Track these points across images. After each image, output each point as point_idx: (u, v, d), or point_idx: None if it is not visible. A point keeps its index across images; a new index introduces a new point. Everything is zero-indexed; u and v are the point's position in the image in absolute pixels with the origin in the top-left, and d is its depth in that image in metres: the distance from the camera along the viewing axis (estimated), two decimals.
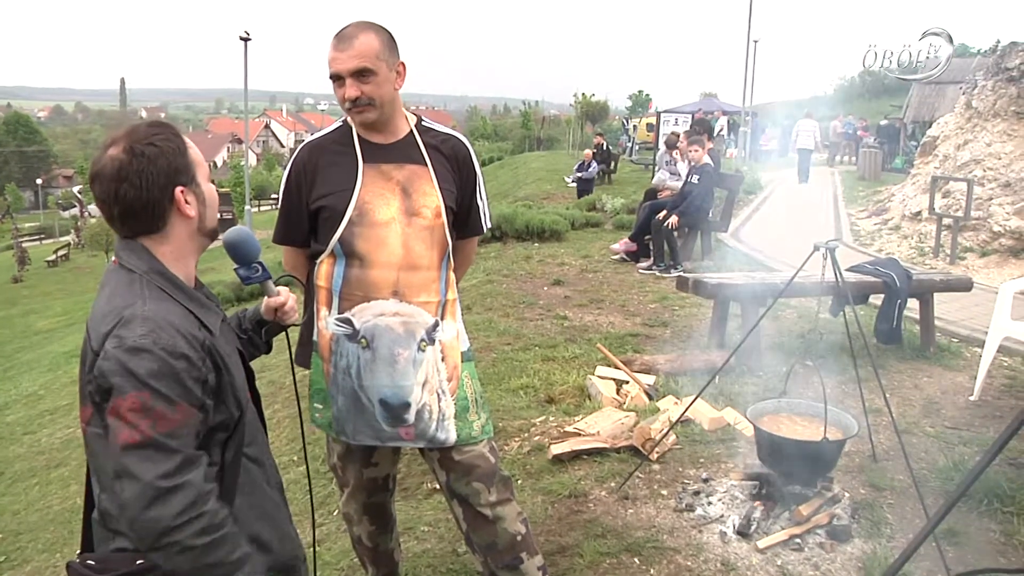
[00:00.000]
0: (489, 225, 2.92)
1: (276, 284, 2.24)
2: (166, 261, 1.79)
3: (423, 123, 2.72)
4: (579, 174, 18.42)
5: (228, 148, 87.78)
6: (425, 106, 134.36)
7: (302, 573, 2.04)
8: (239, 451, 1.84)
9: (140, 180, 1.71)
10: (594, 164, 18.25)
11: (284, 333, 2.30)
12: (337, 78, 2.48)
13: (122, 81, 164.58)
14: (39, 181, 75.23)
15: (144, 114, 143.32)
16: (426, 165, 2.61)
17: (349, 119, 2.63)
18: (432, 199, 2.59)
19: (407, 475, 4.64)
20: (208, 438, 1.75)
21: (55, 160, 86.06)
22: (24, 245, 34.74)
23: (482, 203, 2.82)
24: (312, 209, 2.60)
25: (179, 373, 1.64)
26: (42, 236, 46.86)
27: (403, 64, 2.57)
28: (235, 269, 2.14)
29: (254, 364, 2.18)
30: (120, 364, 1.61)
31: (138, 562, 1.68)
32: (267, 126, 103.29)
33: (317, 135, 2.74)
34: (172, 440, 1.62)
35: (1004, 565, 3.38)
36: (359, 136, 2.60)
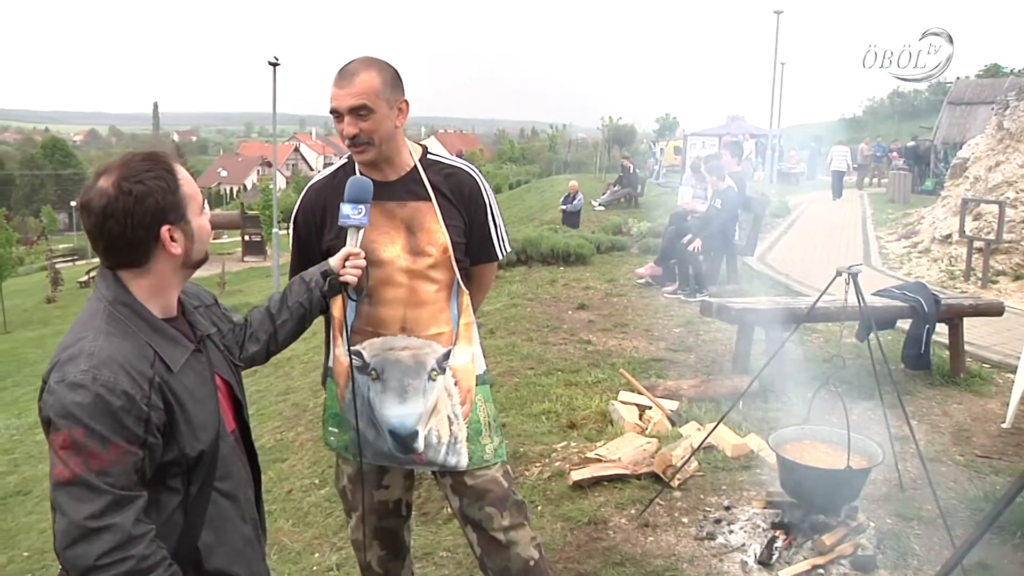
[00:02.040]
0: (508, 250, 2.89)
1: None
2: (141, 294, 1.78)
3: (429, 156, 2.69)
4: (563, 207, 17.81)
5: (258, 171, 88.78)
6: (453, 129, 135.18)
7: None
8: (207, 485, 1.82)
9: (126, 219, 1.71)
10: (580, 197, 17.62)
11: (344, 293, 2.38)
12: (336, 114, 2.48)
13: (155, 105, 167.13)
14: (73, 203, 76.47)
15: (176, 137, 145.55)
16: (430, 200, 2.59)
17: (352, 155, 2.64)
18: (438, 236, 2.58)
19: (427, 499, 4.63)
20: (163, 473, 1.73)
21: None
22: (57, 266, 35.22)
23: (496, 230, 2.78)
24: (325, 249, 2.60)
25: (116, 411, 1.61)
26: (75, 257, 47.52)
27: (406, 102, 2.55)
28: (343, 205, 2.33)
29: (281, 386, 2.18)
30: (58, 399, 1.61)
31: None
32: (296, 149, 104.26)
33: (320, 176, 2.77)
34: (102, 479, 1.60)
35: None
36: (362, 174, 2.59)
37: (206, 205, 1.92)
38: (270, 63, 22.74)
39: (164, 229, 1.75)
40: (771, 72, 27.34)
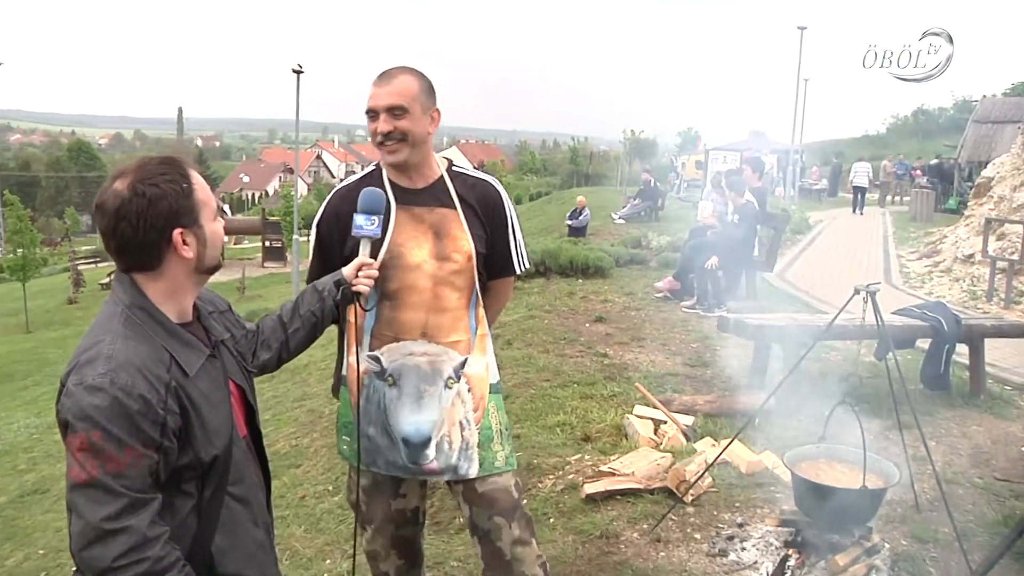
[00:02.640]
0: (527, 265, 2.93)
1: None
2: (156, 297, 1.79)
3: (454, 168, 2.75)
4: (570, 222, 17.74)
5: (280, 177, 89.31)
6: (475, 140, 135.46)
7: None
8: (220, 489, 1.83)
9: (138, 221, 1.73)
10: (587, 212, 17.54)
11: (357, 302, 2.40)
12: (372, 113, 2.54)
13: (179, 110, 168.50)
14: None
15: (200, 142, 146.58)
16: (456, 209, 2.64)
17: (380, 163, 2.67)
18: (463, 243, 2.62)
19: (440, 508, 4.63)
20: (177, 476, 1.74)
21: None
22: (80, 268, 35.53)
23: (516, 244, 2.82)
24: (346, 256, 2.61)
25: (133, 415, 1.63)
26: (97, 259, 47.89)
27: (438, 111, 2.63)
28: (356, 216, 2.36)
29: (298, 392, 2.20)
30: (76, 401, 1.63)
31: None
32: (319, 157, 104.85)
33: (347, 182, 2.80)
34: (118, 482, 1.61)
35: None
36: (390, 180, 2.63)
37: (224, 210, 1.94)
38: (294, 71, 22.89)
39: (176, 232, 1.76)
40: (794, 88, 27.22)
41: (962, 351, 6.16)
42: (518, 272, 2.90)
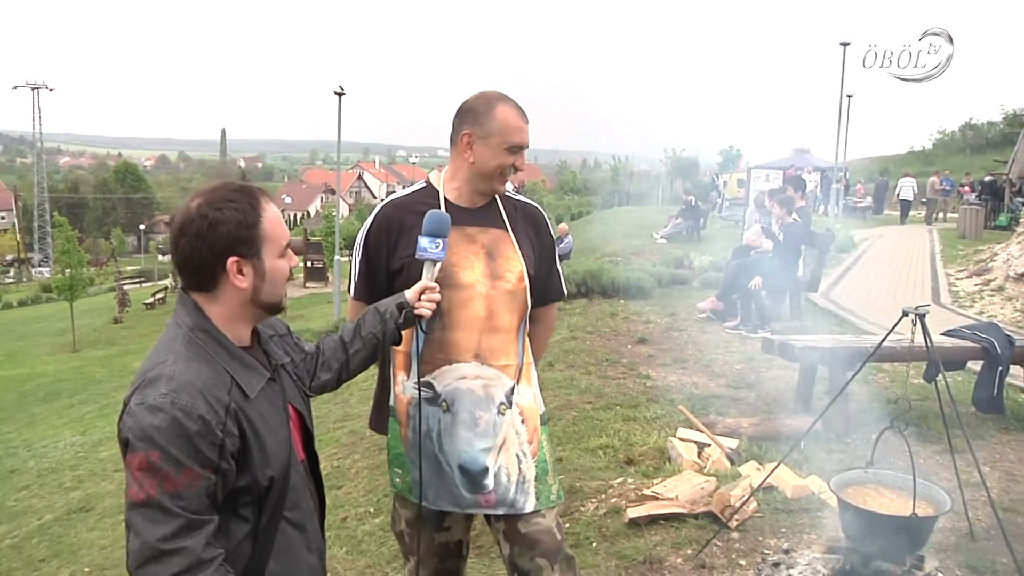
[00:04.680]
0: (566, 291, 2.93)
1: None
2: (217, 320, 1.82)
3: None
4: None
5: (321, 198, 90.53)
6: None
7: None
8: (276, 514, 1.83)
9: (198, 240, 1.76)
10: (569, 239, 17.29)
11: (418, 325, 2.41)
12: (518, 148, 2.61)
13: (223, 132, 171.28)
14: (142, 227, 79.12)
15: (242, 163, 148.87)
16: (508, 231, 2.65)
17: (430, 179, 2.68)
18: (515, 263, 2.62)
19: (482, 532, 4.60)
20: (235, 499, 1.75)
21: (158, 207, 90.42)
22: (125, 287, 36.19)
23: (559, 267, 2.86)
24: (393, 268, 2.62)
25: (192, 436, 1.64)
26: (142, 279, 48.87)
27: None
28: (420, 239, 2.35)
29: (339, 413, 2.20)
30: (136, 421, 1.64)
31: None
32: (360, 177, 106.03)
33: (400, 194, 2.78)
34: (175, 502, 1.62)
35: None
36: (446, 199, 2.63)
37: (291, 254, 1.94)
38: (336, 92, 23.17)
39: (231, 260, 1.77)
40: (837, 104, 26.91)
41: (1016, 373, 6.01)
42: (563, 296, 2.91)
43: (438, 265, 2.37)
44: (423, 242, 2.34)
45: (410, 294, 2.34)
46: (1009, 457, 5.21)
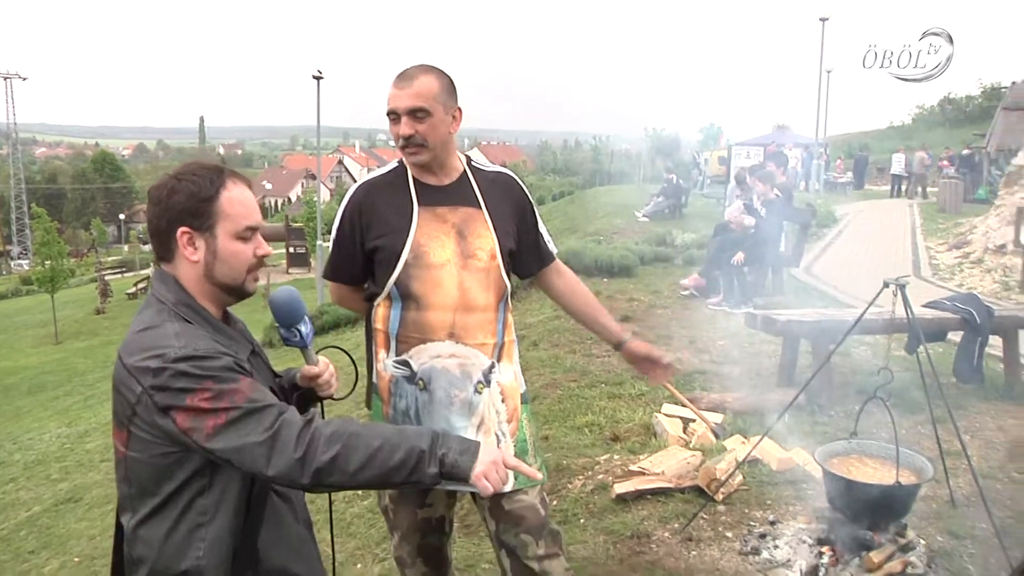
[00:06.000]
0: (555, 250, 2.91)
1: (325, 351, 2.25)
2: (193, 293, 1.85)
3: (472, 164, 2.73)
4: None
5: (302, 184, 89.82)
6: (497, 141, 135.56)
7: None
8: (266, 484, 1.86)
9: (157, 208, 1.82)
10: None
11: (320, 404, 2.25)
12: (393, 115, 2.52)
13: (201, 119, 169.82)
14: (122, 216, 78.39)
15: (222, 151, 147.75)
16: (480, 207, 2.62)
17: (404, 159, 2.66)
18: (487, 241, 2.59)
19: (469, 512, 4.62)
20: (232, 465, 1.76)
21: (137, 196, 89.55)
22: (107, 278, 35.92)
23: (544, 231, 2.84)
24: (367, 249, 2.62)
25: (226, 361, 1.73)
26: (124, 269, 48.46)
27: (460, 110, 2.60)
28: (276, 328, 2.17)
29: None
30: (170, 377, 1.68)
31: None
32: (340, 162, 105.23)
33: (373, 174, 2.76)
34: (254, 402, 1.70)
35: None
36: (414, 178, 2.62)
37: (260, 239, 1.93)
38: (314, 77, 23.03)
39: (181, 231, 1.80)
40: (816, 79, 26.98)
41: (996, 343, 6.07)
42: (555, 256, 2.89)
43: (311, 349, 2.16)
44: (282, 332, 2.13)
45: (302, 383, 2.18)
46: (989, 425, 5.28)
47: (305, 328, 2.13)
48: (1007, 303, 8.67)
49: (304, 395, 2.18)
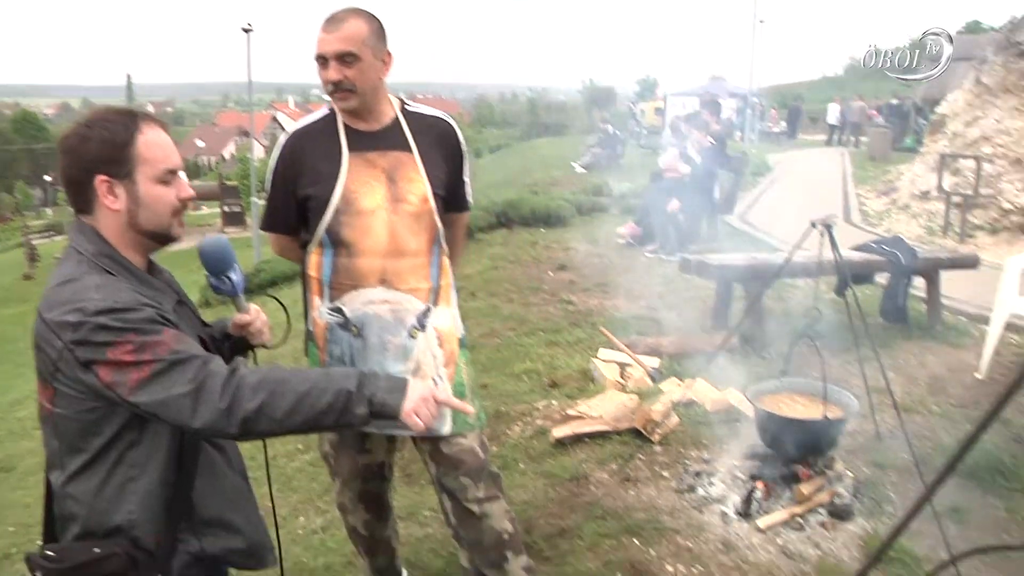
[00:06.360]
0: (471, 201, 2.90)
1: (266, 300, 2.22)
2: (115, 244, 1.79)
3: (408, 108, 2.68)
4: None
5: (235, 141, 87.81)
6: (433, 95, 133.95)
7: (269, 562, 2.01)
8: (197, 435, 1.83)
9: (71, 157, 1.74)
10: None
11: (253, 353, 2.22)
12: (322, 59, 2.47)
13: (128, 77, 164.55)
14: (47, 178, 75.55)
15: (151, 109, 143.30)
16: (411, 151, 2.59)
17: (333, 105, 2.61)
18: (418, 185, 2.57)
19: (411, 460, 4.64)
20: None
21: None
22: (34, 242, 34.78)
23: (468, 180, 2.82)
24: (299, 198, 2.58)
25: (148, 312, 1.68)
26: (52, 233, 46.97)
27: (390, 54, 2.55)
28: (207, 277, 2.12)
29: (263, 354, 2.18)
30: (90, 331, 1.64)
31: (95, 550, 1.71)
32: (274, 118, 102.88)
33: (303, 122, 2.71)
34: (177, 354, 1.66)
35: (1007, 542, 3.36)
36: (344, 124, 2.58)
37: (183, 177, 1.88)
38: (244, 30, 22.41)
39: (100, 179, 1.74)
40: (750, 30, 27.19)
41: (919, 284, 6.26)
42: (468, 208, 2.89)
43: (242, 297, 2.15)
44: (212, 281, 2.12)
45: (233, 331, 2.15)
46: (911, 363, 5.47)
47: (235, 276, 2.10)
48: (930, 246, 8.93)
49: (236, 344, 2.15)
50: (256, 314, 2.15)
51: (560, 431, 4.33)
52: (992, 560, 3.11)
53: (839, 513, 3.47)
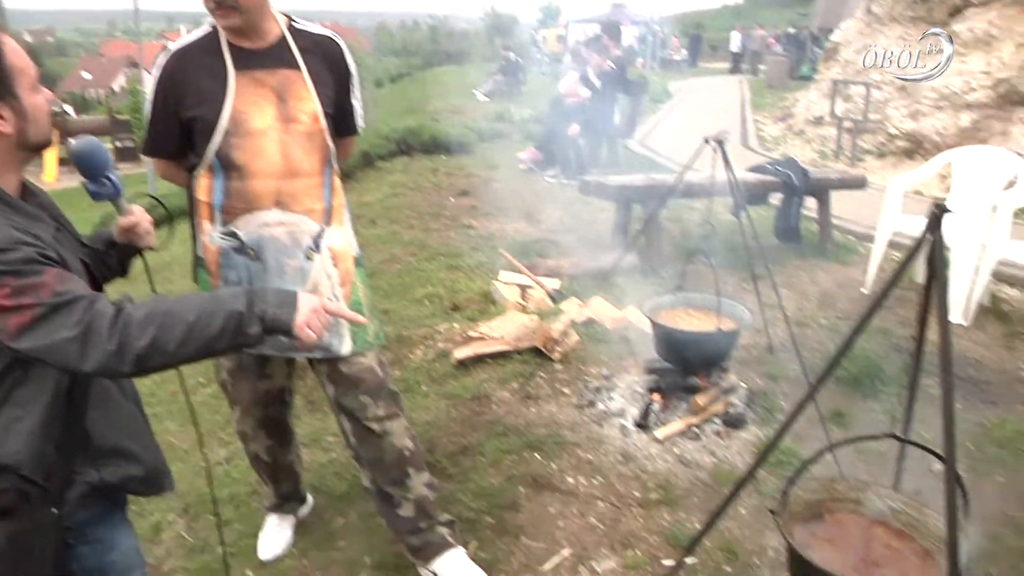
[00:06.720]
0: (363, 125, 2.81)
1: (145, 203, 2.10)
2: None
3: (295, 25, 2.56)
4: None
5: (125, 73, 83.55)
6: (332, 22, 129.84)
7: (167, 487, 1.97)
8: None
9: None
10: None
11: (142, 257, 2.12)
12: None
13: None
14: None
15: (29, 38, 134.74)
16: (300, 69, 2.47)
17: (216, 23, 2.46)
18: (308, 104, 2.46)
19: (313, 388, 4.58)
20: None
21: None
22: None
23: (357, 103, 2.70)
24: (184, 120, 2.45)
25: (28, 255, 1.55)
26: None
27: None
28: (82, 183, 1.98)
29: (161, 291, 2.06)
30: None
31: None
32: (165, 48, 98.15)
33: (183, 42, 2.55)
34: (60, 296, 1.55)
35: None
36: (228, 42, 2.43)
37: (66, 111, 1.74)
38: None
39: None
40: None
41: (811, 205, 6.43)
42: (358, 132, 2.79)
43: (123, 198, 2.04)
44: (90, 187, 1.99)
45: (119, 237, 2.06)
46: (803, 279, 5.66)
47: (115, 176, 1.98)
48: (822, 169, 9.18)
49: (122, 250, 2.06)
50: (140, 215, 2.05)
51: (461, 352, 4.33)
52: (861, 454, 3.25)
53: (733, 422, 3.58)
